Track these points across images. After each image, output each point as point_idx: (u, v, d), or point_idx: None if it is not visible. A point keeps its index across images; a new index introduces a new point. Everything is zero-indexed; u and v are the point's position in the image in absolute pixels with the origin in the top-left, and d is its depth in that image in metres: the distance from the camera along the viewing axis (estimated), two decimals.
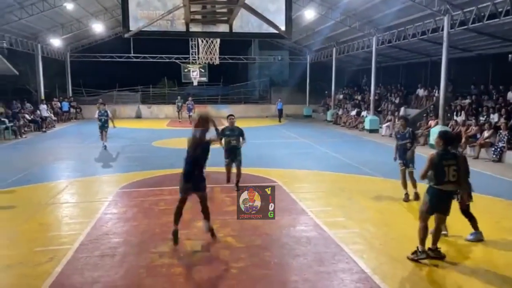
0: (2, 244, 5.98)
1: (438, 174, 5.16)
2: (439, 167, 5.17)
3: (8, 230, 6.65)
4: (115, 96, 31.50)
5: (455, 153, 5.43)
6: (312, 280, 4.86)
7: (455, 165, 5.20)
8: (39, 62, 24.09)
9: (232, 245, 5.88)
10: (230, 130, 8.73)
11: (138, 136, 19.21)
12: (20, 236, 6.36)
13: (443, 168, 5.15)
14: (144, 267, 5.17)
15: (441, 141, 5.31)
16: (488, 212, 7.25)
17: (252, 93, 36.84)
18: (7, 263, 5.28)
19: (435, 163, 5.17)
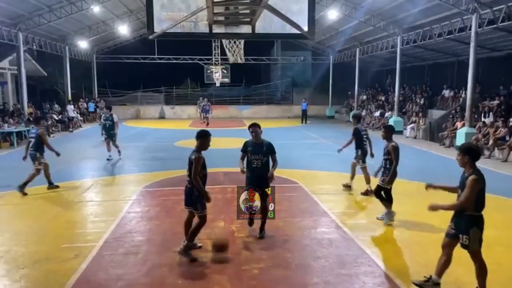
0: (31, 241, 6.17)
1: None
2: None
3: (36, 227, 6.85)
4: (139, 96, 32.06)
5: None
6: (333, 282, 4.82)
7: None
8: (66, 63, 24.75)
9: (252, 245, 5.88)
10: (254, 146, 6.11)
11: (161, 136, 19.48)
12: (47, 233, 6.54)
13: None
14: (167, 265, 5.23)
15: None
16: None
17: (274, 94, 36.82)
18: (35, 259, 5.44)
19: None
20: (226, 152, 13.08)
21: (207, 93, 33.49)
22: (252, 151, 6.03)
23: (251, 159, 6.05)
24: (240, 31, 5.93)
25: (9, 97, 22.36)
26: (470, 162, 4.38)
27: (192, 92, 33.76)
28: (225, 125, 24.37)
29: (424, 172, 11.18)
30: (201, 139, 5.63)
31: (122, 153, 13.17)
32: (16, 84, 21.58)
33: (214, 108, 30.04)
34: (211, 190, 8.91)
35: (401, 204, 8.03)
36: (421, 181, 9.85)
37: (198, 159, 5.45)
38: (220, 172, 10.78)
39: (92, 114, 27.02)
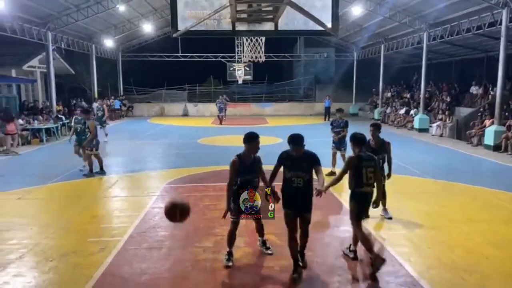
0: (58, 234, 6.36)
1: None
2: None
3: (64, 221, 7.05)
4: (163, 94, 32.48)
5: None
6: (355, 281, 4.77)
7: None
8: (93, 61, 25.32)
9: (274, 243, 5.89)
10: (293, 161, 4.83)
11: (185, 133, 19.70)
12: (74, 227, 6.73)
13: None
14: (189, 260, 5.30)
15: (354, 145, 5.29)
16: None
17: (296, 91, 36.65)
18: (63, 252, 5.61)
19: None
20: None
21: (229, 91, 33.63)
22: (292, 167, 4.83)
23: (292, 176, 4.83)
24: (263, 28, 5.92)
25: (38, 94, 23.06)
26: (352, 146, 5.31)
27: (215, 89, 33.96)
28: (247, 122, 24.42)
29: (450, 171, 10.91)
30: (246, 143, 5.01)
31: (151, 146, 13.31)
32: (45, 82, 22.23)
33: (236, 106, 30.16)
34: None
35: (426, 204, 7.88)
36: (446, 180, 9.67)
37: (232, 164, 4.97)
38: None
39: (118, 112, 27.53)
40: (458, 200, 8.17)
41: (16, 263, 5.27)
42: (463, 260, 5.32)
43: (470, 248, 5.71)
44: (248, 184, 4.94)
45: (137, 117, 28.39)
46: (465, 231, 6.40)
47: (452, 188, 9.10)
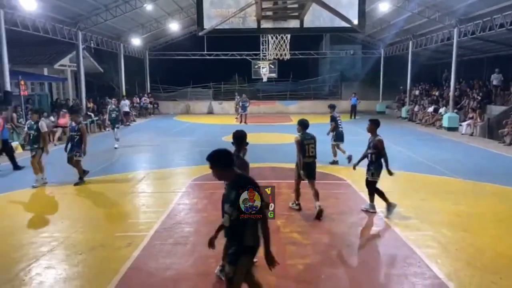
0: (87, 228, 6.55)
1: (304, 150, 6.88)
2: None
3: (93, 215, 7.26)
4: (189, 92, 32.85)
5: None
6: (381, 282, 4.72)
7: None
8: (121, 60, 25.86)
9: (298, 241, 5.88)
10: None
11: (209, 131, 19.86)
12: (102, 222, 6.91)
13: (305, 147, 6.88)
14: (213, 257, 5.33)
15: (299, 127, 7.11)
16: None
17: (322, 89, 36.31)
18: (91, 245, 5.77)
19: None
20: (272, 147, 13.15)
21: (254, 89, 33.66)
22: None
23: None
24: (288, 25, 5.90)
25: (69, 92, 23.74)
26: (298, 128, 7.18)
27: (240, 87, 34.07)
28: (272, 120, 24.41)
29: (481, 171, 10.58)
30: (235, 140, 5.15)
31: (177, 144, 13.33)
32: (75, 80, 22.86)
33: (260, 104, 30.15)
34: None
35: (455, 204, 7.68)
36: (477, 181, 9.39)
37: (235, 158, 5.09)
38: (266, 167, 10.83)
39: (145, 109, 28.01)
40: (488, 201, 7.92)
41: (48, 256, 5.46)
42: (493, 263, 5.16)
43: (500, 251, 5.53)
44: None
45: (163, 115, 28.83)
46: (495, 234, 6.20)
47: (482, 189, 8.83)
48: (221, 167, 3.55)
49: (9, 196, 8.37)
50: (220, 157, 3.57)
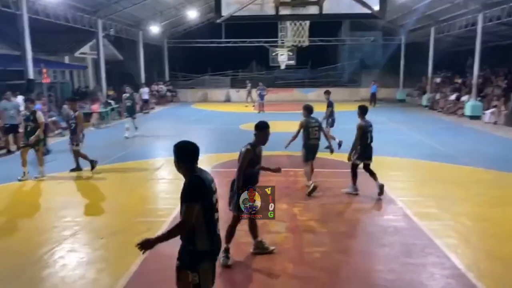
0: (109, 214, 6.70)
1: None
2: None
3: (114, 201, 7.41)
4: (207, 80, 32.88)
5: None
6: (398, 271, 4.69)
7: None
8: (140, 48, 26.01)
9: (315, 229, 5.89)
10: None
11: (227, 119, 19.92)
12: (123, 207, 7.05)
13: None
14: (231, 243, 5.40)
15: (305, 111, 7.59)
16: None
17: (341, 76, 35.83)
18: (113, 230, 5.91)
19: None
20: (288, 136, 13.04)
21: (271, 76, 33.44)
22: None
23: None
24: (307, 12, 5.80)
25: (89, 80, 24.09)
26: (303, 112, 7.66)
27: (257, 75, 33.91)
28: (289, 108, 24.28)
29: (504, 160, 10.32)
30: (258, 131, 4.96)
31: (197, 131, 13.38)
32: (96, 68, 23.16)
33: (278, 92, 29.98)
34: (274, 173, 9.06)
35: (476, 194, 7.55)
36: (500, 170, 9.19)
37: (246, 152, 4.81)
38: (284, 156, 10.81)
39: (164, 97, 28.20)
40: (511, 191, 7.75)
41: (70, 240, 5.62)
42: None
43: None
44: (257, 175, 4.97)
45: (181, 103, 29.00)
46: None
47: (505, 179, 8.64)
48: (176, 159, 3.27)
49: (33, 181, 8.58)
50: (176, 148, 3.29)
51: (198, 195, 3.04)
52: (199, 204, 3.02)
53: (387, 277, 4.54)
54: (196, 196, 3.03)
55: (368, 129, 7.37)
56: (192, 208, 3.01)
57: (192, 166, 3.22)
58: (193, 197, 3.03)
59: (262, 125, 4.97)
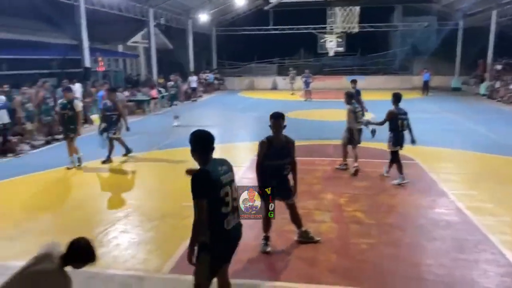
0: (158, 198, 6.97)
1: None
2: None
3: (163, 186, 7.68)
4: (253, 68, 32.94)
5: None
6: (448, 266, 4.52)
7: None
8: (189, 36, 26.50)
9: (362, 220, 5.78)
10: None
11: (273, 107, 19.80)
12: (171, 192, 7.29)
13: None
14: (274, 231, 5.42)
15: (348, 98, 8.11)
16: None
17: (392, 64, 34.54)
18: (162, 213, 6.14)
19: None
20: (337, 125, 12.81)
21: (319, 63, 32.88)
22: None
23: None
24: None
25: (141, 68, 24.92)
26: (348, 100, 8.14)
27: (305, 62, 33.46)
28: (337, 96, 23.80)
29: None
30: (271, 120, 4.76)
31: (237, 123, 13.59)
32: (147, 56, 23.89)
33: (326, 79, 29.47)
34: (320, 162, 9.01)
35: None
36: None
37: (260, 145, 4.74)
38: (330, 144, 10.68)
39: (211, 85, 28.63)
40: None
41: (123, 221, 5.91)
42: None
43: None
44: (279, 169, 4.71)
45: (228, 91, 29.30)
46: None
47: None
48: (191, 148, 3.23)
49: (91, 164, 9.06)
50: (190, 137, 3.25)
51: (204, 190, 3.01)
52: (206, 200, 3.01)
53: (437, 272, 4.39)
54: (202, 191, 3.01)
55: (400, 116, 7.31)
56: (201, 203, 3.00)
57: (203, 155, 3.18)
58: (199, 193, 3.01)
59: (273, 114, 4.75)
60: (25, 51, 15.17)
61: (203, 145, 3.18)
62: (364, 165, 8.49)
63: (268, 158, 4.67)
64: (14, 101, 11.36)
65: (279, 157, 4.67)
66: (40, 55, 16.09)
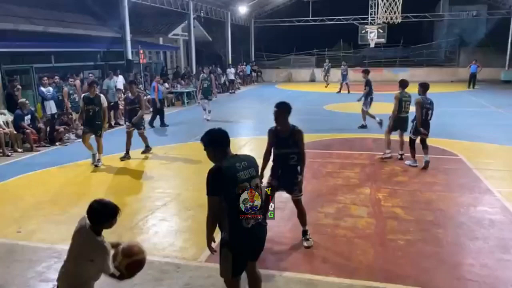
0: (196, 187, 7.09)
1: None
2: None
3: (199, 175, 7.76)
4: (292, 60, 32.68)
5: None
6: (491, 267, 4.33)
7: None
8: (228, 29, 26.64)
9: (400, 216, 5.65)
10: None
11: (311, 99, 19.69)
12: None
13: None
14: (310, 224, 5.41)
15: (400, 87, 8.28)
16: None
17: (436, 55, 33.19)
18: (199, 203, 6.20)
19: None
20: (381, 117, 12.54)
21: (360, 55, 32.16)
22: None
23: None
24: None
25: (181, 61, 25.36)
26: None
27: (344, 54, 32.80)
28: (378, 89, 23.18)
29: None
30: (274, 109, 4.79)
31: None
32: (187, 49, 24.28)
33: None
34: (358, 156, 8.84)
35: None
36: None
37: (267, 133, 4.87)
38: (369, 138, 10.46)
39: (248, 77, 28.68)
40: None
41: (162, 209, 6.08)
42: None
43: None
44: (285, 158, 4.70)
45: (265, 83, 29.27)
46: None
47: None
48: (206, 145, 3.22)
49: (132, 154, 9.37)
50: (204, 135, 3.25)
51: (217, 188, 3.00)
52: (220, 196, 3.00)
53: (479, 272, 4.22)
54: (214, 188, 3.00)
55: (425, 105, 7.56)
56: (212, 200, 3.02)
57: (218, 152, 3.17)
58: (211, 190, 3.02)
59: (276, 104, 4.76)
60: (71, 44, 15.82)
61: (219, 142, 3.18)
62: (404, 160, 8.28)
63: (274, 147, 4.75)
64: (62, 92, 11.92)
65: (284, 147, 4.69)
66: (85, 47, 16.72)
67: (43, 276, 4.27)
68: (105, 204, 2.80)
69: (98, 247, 2.73)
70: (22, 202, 6.46)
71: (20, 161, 9.10)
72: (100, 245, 2.74)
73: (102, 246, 2.74)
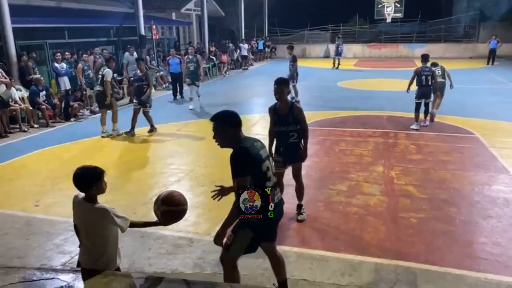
0: (208, 164, 7.16)
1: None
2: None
3: (212, 152, 7.82)
4: (306, 35, 32.10)
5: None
6: (504, 245, 4.31)
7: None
8: (241, 3, 26.18)
9: (413, 194, 5.62)
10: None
11: (325, 75, 19.44)
12: (221, 159, 7.31)
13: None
14: (322, 201, 5.46)
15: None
16: None
17: (455, 30, 32.19)
18: (212, 179, 6.29)
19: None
20: (391, 95, 12.34)
21: (375, 30, 31.42)
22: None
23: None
24: None
25: (193, 36, 25.14)
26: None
27: (360, 29, 32.07)
28: (393, 65, 22.79)
29: None
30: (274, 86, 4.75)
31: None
32: (199, 24, 24.02)
33: (381, 47, 28.19)
34: (372, 134, 8.77)
35: None
36: None
37: (268, 111, 4.87)
38: (383, 116, 10.34)
39: (261, 53, 28.28)
40: None
41: (175, 185, 6.16)
42: None
43: None
44: (284, 135, 4.71)
45: (279, 59, 28.90)
46: None
47: None
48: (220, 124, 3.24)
49: (144, 131, 9.44)
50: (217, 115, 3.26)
51: (247, 167, 2.99)
52: (250, 176, 2.99)
53: (492, 251, 4.20)
54: (245, 169, 2.99)
55: (422, 72, 8.59)
56: (244, 181, 2.98)
57: (236, 133, 3.19)
58: (242, 170, 2.99)
59: (276, 80, 4.74)
60: (84, 19, 15.77)
61: (234, 122, 3.18)
62: (419, 138, 8.19)
63: (275, 125, 4.77)
64: (76, 68, 11.96)
65: (284, 124, 4.69)
66: (98, 23, 16.66)
67: (61, 248, 4.41)
68: (87, 167, 2.85)
69: (98, 212, 2.77)
70: (39, 177, 6.61)
71: (37, 137, 9.26)
72: (99, 210, 2.77)
73: (102, 209, 2.77)
